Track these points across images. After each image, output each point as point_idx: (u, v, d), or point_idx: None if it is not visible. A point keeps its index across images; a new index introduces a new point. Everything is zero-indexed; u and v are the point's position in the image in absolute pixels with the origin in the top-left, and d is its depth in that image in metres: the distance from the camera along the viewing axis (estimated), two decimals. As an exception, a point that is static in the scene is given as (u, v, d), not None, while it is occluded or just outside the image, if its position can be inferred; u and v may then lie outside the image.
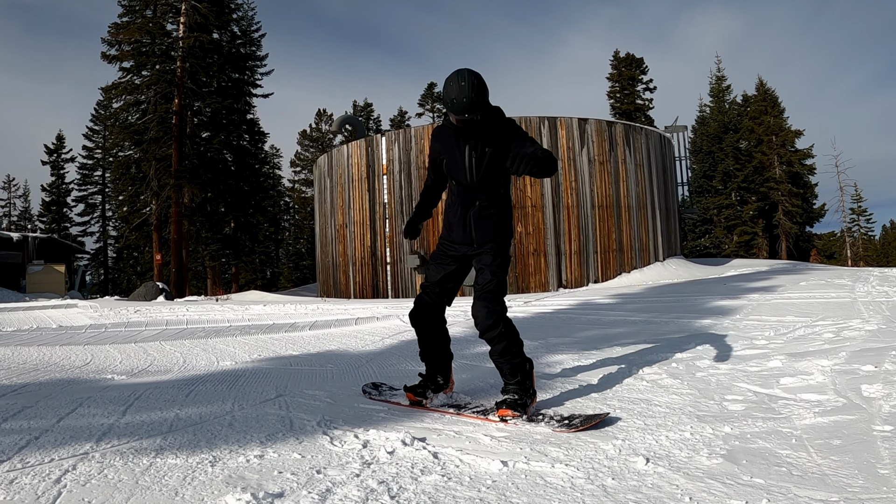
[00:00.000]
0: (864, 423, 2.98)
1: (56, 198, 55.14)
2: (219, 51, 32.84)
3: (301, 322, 9.77)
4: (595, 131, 19.31)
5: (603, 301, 10.92)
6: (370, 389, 4.16)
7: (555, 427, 3.19)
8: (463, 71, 3.38)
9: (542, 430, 3.20)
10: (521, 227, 18.42)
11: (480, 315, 3.50)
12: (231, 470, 2.63)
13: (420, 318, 3.79)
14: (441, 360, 3.87)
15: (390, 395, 4.01)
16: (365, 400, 4.03)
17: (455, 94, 3.32)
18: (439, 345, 3.85)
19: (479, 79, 3.37)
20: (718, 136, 50.32)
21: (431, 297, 3.77)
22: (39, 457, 2.81)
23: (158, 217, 32.04)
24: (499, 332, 3.48)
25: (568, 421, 3.25)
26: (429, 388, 3.83)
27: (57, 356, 6.50)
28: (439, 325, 3.84)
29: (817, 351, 4.91)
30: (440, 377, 3.87)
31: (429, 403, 3.78)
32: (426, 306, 3.77)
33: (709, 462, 2.58)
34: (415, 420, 3.48)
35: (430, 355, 3.86)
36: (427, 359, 3.88)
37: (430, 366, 3.88)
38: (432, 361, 3.86)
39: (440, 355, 3.86)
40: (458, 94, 3.31)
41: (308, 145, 59.13)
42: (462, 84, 3.32)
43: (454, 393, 3.97)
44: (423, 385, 3.84)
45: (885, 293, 9.07)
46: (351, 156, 20.75)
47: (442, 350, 3.86)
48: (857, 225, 54.07)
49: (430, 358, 3.86)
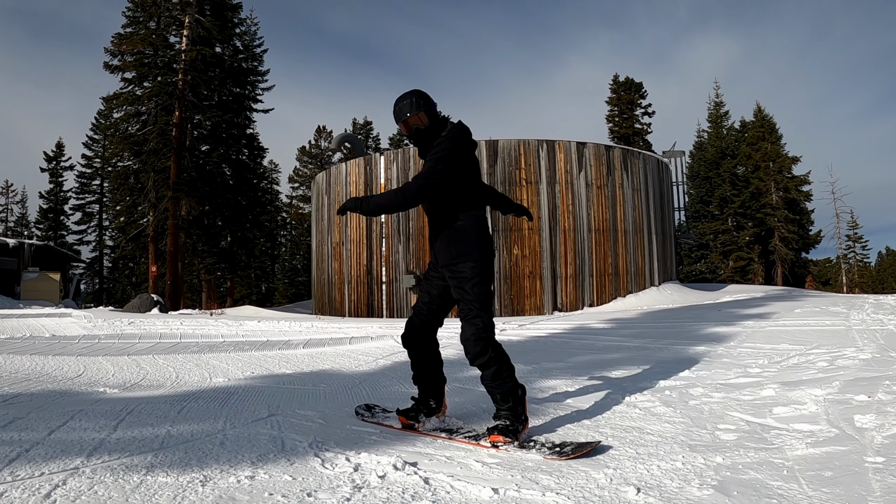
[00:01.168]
0: (856, 455, 2.98)
1: (53, 205, 55.09)
2: (221, 65, 33.01)
3: (295, 340, 9.75)
4: (593, 155, 19.39)
5: (598, 326, 10.91)
6: (363, 411, 4.15)
7: (546, 454, 3.18)
8: (411, 90, 3.73)
9: (534, 456, 3.19)
10: (518, 250, 18.44)
11: (468, 342, 3.49)
12: (222, 490, 2.62)
13: (410, 341, 3.79)
14: (433, 383, 3.84)
15: (383, 418, 3.99)
16: (357, 421, 4.02)
17: (399, 101, 3.72)
18: (431, 368, 3.82)
19: (423, 93, 3.70)
20: (716, 161, 50.52)
21: (421, 318, 3.76)
22: (30, 470, 2.80)
23: (155, 228, 32.03)
24: (488, 357, 3.47)
25: (559, 448, 3.24)
26: (421, 411, 3.81)
27: (49, 366, 6.48)
28: (430, 347, 3.81)
29: (811, 380, 4.91)
30: (433, 401, 3.84)
31: (421, 427, 3.76)
32: (415, 329, 3.77)
33: (699, 493, 2.58)
34: (406, 444, 3.47)
35: (422, 378, 3.84)
36: (419, 382, 3.85)
37: (422, 389, 3.85)
38: (424, 385, 3.84)
39: (432, 379, 3.84)
40: (402, 101, 3.70)
41: (307, 161, 59.23)
42: (409, 95, 3.69)
43: (447, 417, 3.95)
44: (416, 409, 3.82)
45: (879, 321, 9.07)
46: (349, 173, 20.79)
47: (434, 373, 3.84)
48: (853, 252, 54.25)
49: (423, 381, 3.84)
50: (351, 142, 28.08)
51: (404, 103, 3.65)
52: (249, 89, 36.56)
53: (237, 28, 35.39)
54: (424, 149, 3.68)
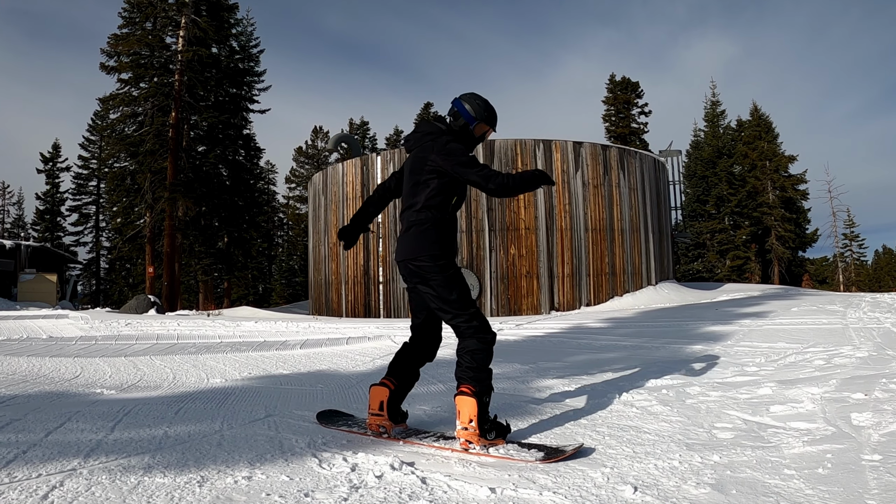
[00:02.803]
0: (853, 453, 2.99)
1: (50, 206, 54.94)
2: (217, 65, 32.98)
3: (292, 340, 9.74)
4: (590, 155, 19.41)
5: (594, 325, 10.93)
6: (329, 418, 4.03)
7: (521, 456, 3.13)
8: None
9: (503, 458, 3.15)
10: (515, 249, 18.45)
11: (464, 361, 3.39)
12: (219, 491, 2.62)
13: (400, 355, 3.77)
14: (405, 390, 3.77)
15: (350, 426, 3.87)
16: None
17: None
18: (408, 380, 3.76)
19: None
20: (712, 160, 50.60)
21: (412, 332, 3.75)
22: (27, 471, 2.80)
23: (152, 229, 31.98)
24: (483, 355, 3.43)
25: (537, 450, 3.18)
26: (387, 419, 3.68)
27: (46, 367, 6.47)
28: (414, 364, 3.75)
29: (808, 378, 4.92)
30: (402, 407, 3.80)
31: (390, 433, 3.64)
32: (405, 348, 3.76)
33: (696, 491, 2.58)
34: (403, 444, 3.47)
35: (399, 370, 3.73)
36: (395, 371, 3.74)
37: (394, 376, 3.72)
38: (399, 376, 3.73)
39: (406, 385, 3.76)
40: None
41: (303, 162, 59.21)
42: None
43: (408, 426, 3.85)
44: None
45: (876, 319, 9.09)
46: (346, 174, 20.78)
47: (409, 384, 3.78)
48: (850, 250, 54.37)
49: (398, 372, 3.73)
50: (347, 142, 28.07)
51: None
52: (246, 90, 36.56)
53: (233, 28, 35.37)
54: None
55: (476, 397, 3.27)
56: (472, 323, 3.42)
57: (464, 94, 3.73)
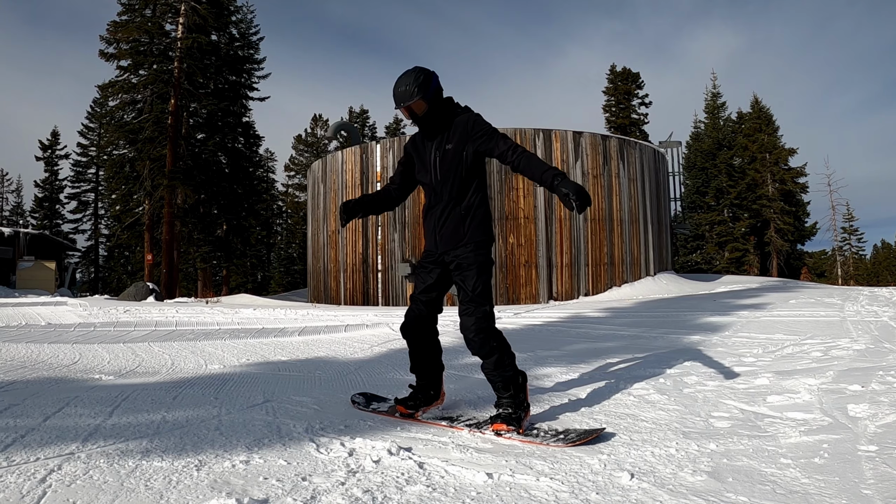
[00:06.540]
0: (849, 443, 3.00)
1: (49, 194, 54.89)
2: (216, 52, 32.86)
3: (290, 327, 9.75)
4: (589, 145, 19.38)
5: (593, 315, 10.93)
6: (359, 399, 4.12)
7: (549, 441, 3.17)
8: (413, 68, 3.54)
9: (535, 443, 3.19)
10: (513, 238, 18.45)
11: (469, 332, 3.44)
12: (217, 474, 2.63)
13: (410, 330, 3.71)
14: (432, 372, 3.79)
15: (378, 406, 3.98)
16: (352, 407, 4.02)
17: (398, 86, 3.49)
18: (431, 357, 3.77)
19: (426, 73, 3.52)
20: (712, 152, 50.53)
21: (419, 308, 3.67)
22: (25, 455, 2.81)
23: (151, 217, 31.95)
24: (490, 346, 3.43)
25: (563, 435, 3.23)
26: (419, 400, 3.77)
27: (45, 354, 6.47)
28: (430, 336, 3.74)
29: (805, 369, 4.93)
30: (432, 390, 3.80)
31: (420, 416, 3.75)
32: (415, 318, 3.68)
33: (693, 479, 2.59)
34: (401, 429, 3.48)
35: (421, 367, 3.77)
36: (418, 371, 3.79)
37: (420, 377, 3.80)
38: (423, 373, 3.78)
39: (431, 367, 3.78)
40: (400, 86, 3.49)
41: (303, 150, 59.08)
42: (408, 77, 3.48)
43: (444, 406, 3.94)
44: (414, 397, 3.77)
45: (874, 312, 9.12)
46: (345, 162, 20.74)
47: (433, 362, 3.78)
48: (849, 244, 54.40)
49: (421, 370, 3.78)
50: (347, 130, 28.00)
51: (403, 90, 3.49)
52: (245, 77, 36.42)
53: (233, 16, 35.19)
54: (432, 130, 3.60)
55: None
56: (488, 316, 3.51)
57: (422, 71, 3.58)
